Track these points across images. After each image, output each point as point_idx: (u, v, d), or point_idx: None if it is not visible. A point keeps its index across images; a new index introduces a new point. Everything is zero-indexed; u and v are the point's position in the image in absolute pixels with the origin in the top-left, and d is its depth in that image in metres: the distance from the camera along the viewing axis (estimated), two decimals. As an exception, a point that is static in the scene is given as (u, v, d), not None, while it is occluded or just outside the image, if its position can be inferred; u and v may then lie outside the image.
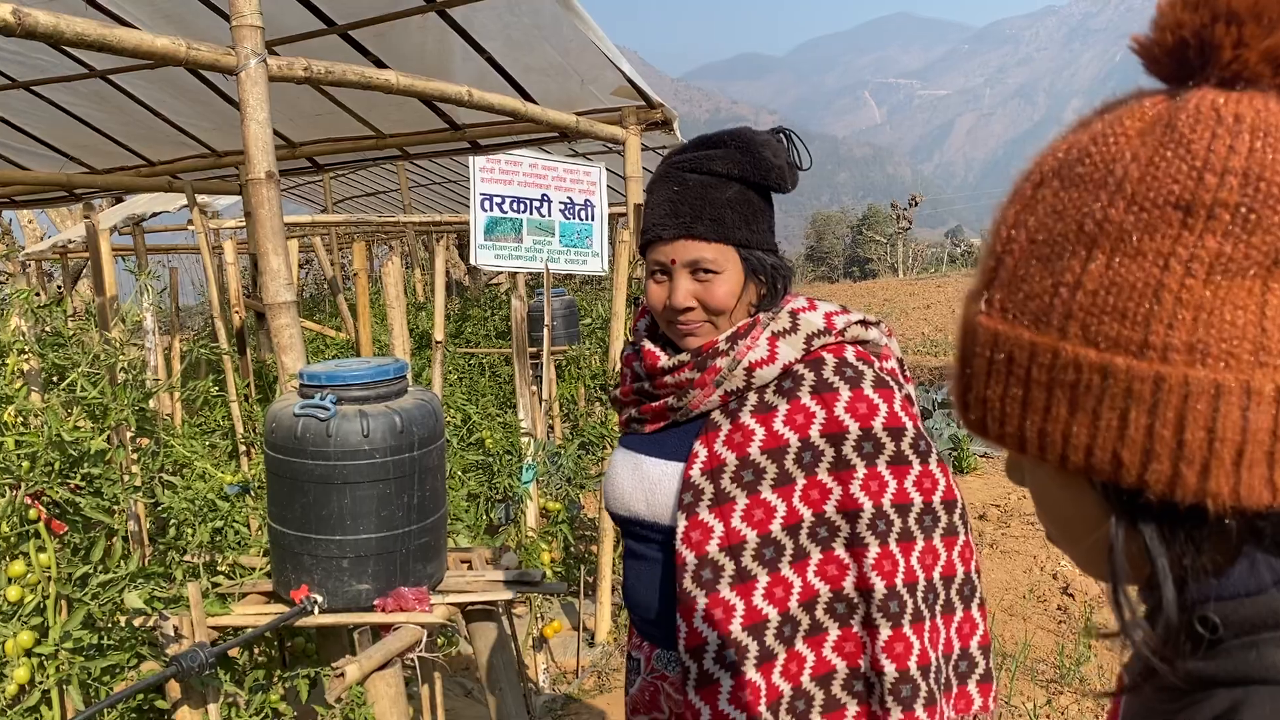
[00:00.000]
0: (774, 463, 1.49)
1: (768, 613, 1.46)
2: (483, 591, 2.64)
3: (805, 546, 1.49)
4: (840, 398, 1.49)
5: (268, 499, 2.57)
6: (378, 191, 14.49)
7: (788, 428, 1.50)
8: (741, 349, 1.53)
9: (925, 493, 1.51)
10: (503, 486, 3.80)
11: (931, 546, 1.51)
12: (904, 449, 1.50)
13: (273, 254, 2.93)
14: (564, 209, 5.67)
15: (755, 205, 1.54)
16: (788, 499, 1.49)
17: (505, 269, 5.72)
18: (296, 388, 2.69)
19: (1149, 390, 0.54)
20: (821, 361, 1.53)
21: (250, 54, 2.90)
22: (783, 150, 1.56)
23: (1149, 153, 0.55)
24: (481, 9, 4.56)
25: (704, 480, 1.52)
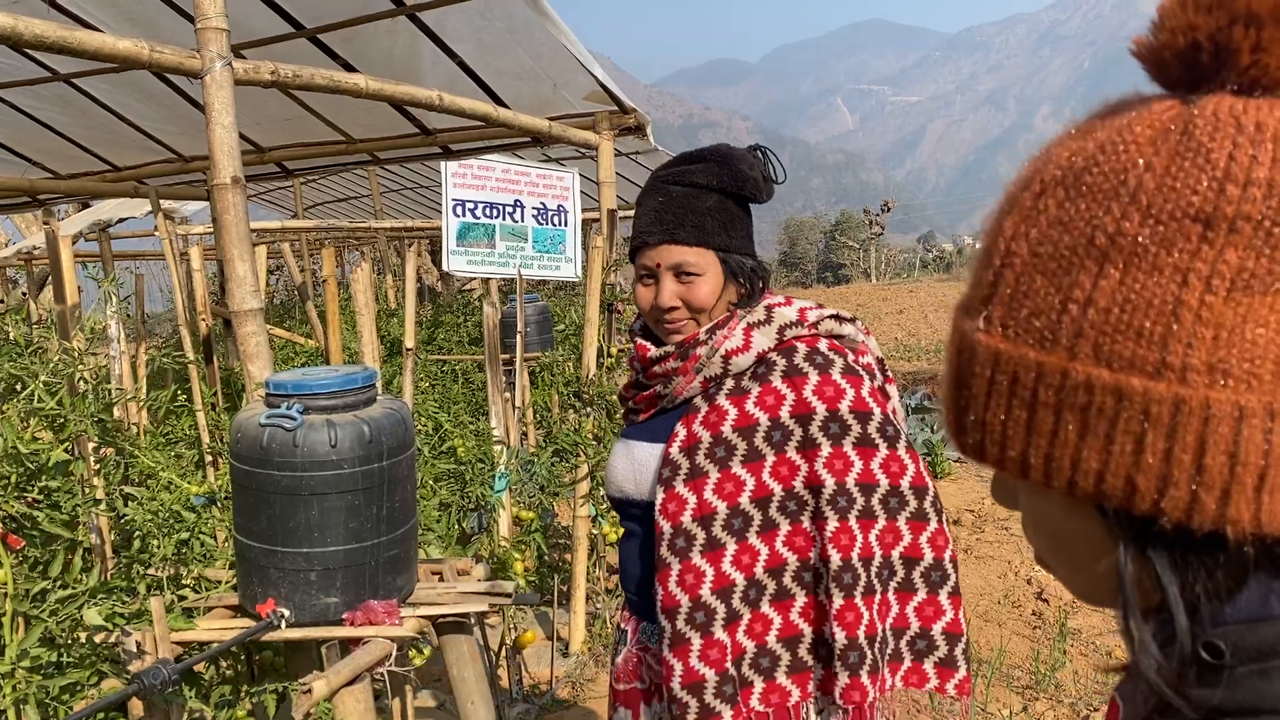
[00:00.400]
0: (744, 440, 1.62)
1: (734, 577, 1.61)
2: (454, 604, 2.60)
3: (774, 518, 1.62)
4: (809, 381, 1.61)
5: (233, 511, 2.52)
6: (349, 197, 14.39)
7: (758, 408, 1.63)
8: (719, 338, 1.67)
9: (893, 476, 1.61)
10: (475, 495, 3.75)
11: (894, 527, 1.62)
12: (870, 432, 1.60)
13: (239, 260, 2.87)
14: (537, 214, 5.63)
15: (733, 213, 1.69)
16: (757, 474, 1.62)
17: (478, 275, 5.67)
18: (262, 397, 2.64)
19: (1167, 413, 0.51)
20: (794, 350, 1.65)
21: (215, 57, 2.85)
22: (758, 164, 1.70)
23: (1164, 162, 0.52)
24: (452, 12, 4.52)
25: (681, 456, 1.66)
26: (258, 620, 2.50)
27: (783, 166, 1.76)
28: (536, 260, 5.44)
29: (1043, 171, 0.58)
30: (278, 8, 4.49)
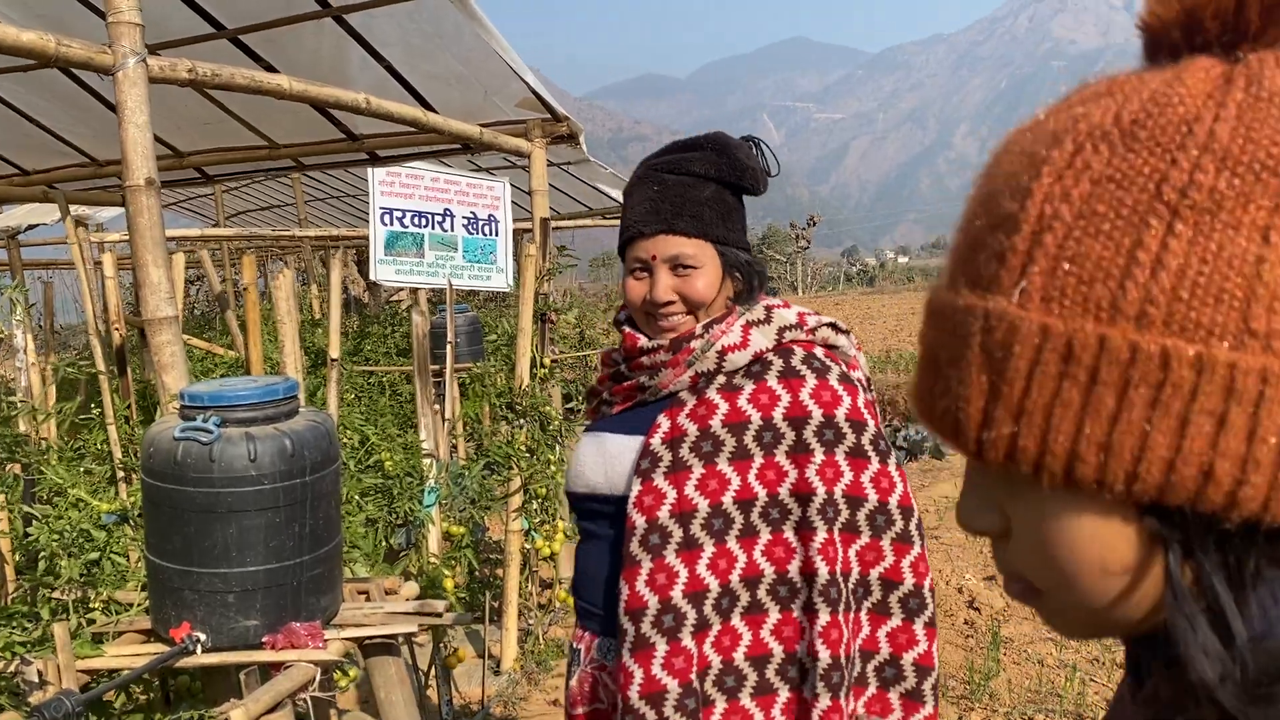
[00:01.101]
0: (733, 436, 1.54)
1: (709, 582, 1.51)
2: (381, 625, 2.50)
3: (755, 524, 1.53)
4: (806, 384, 1.55)
5: (146, 529, 2.38)
6: (272, 205, 14.07)
7: (751, 405, 1.55)
8: (716, 333, 1.61)
9: (882, 492, 1.54)
10: (403, 510, 3.64)
11: (876, 545, 1.54)
12: (864, 443, 1.54)
13: (153, 266, 2.74)
14: (467, 224, 5.55)
15: (730, 205, 1.63)
16: (743, 474, 1.53)
17: (406, 284, 5.55)
18: (177, 409, 2.51)
19: (1254, 386, 0.45)
20: (791, 352, 1.59)
21: (129, 52, 2.72)
22: (754, 155, 1.66)
23: (1234, 112, 0.47)
24: (380, 15, 4.41)
25: (663, 448, 1.57)
26: (172, 645, 2.37)
27: (776, 160, 1.71)
28: (467, 270, 5.35)
29: (1074, 130, 0.51)
30: (196, 6, 4.34)
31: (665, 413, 1.61)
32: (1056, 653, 4.26)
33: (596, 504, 1.68)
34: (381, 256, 5.12)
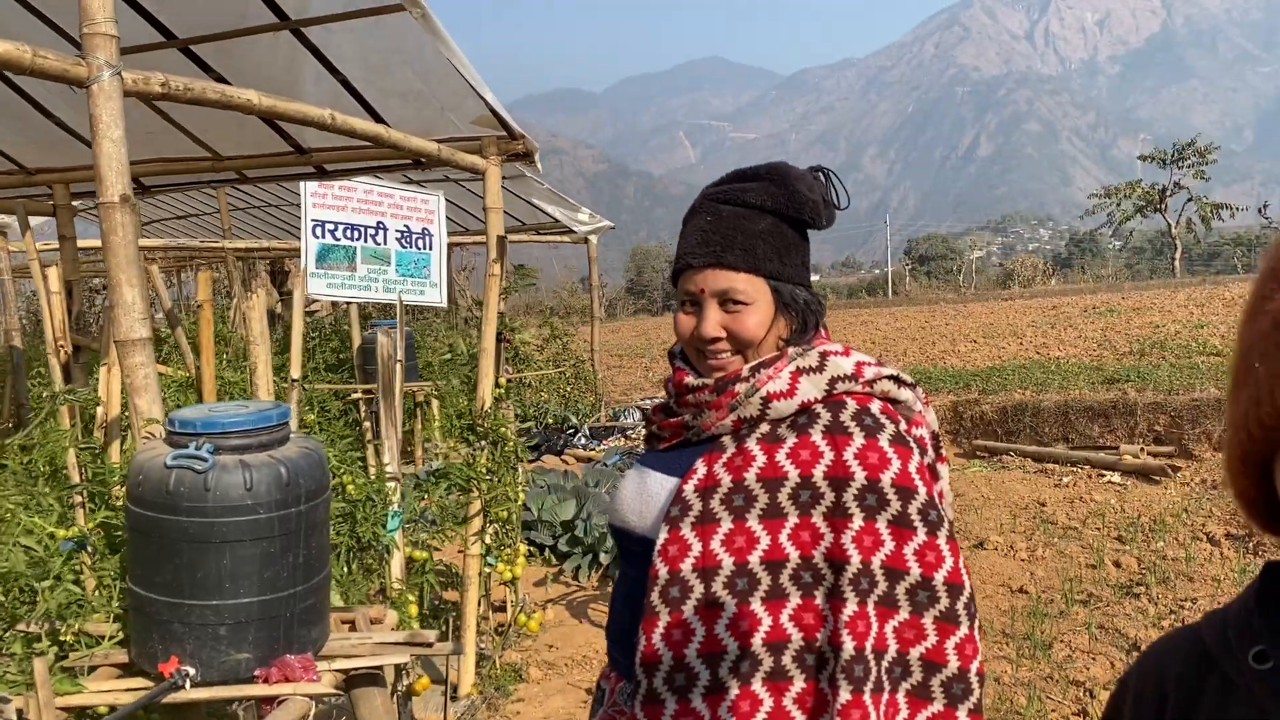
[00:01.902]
0: (767, 492, 1.45)
1: (727, 644, 1.42)
2: (373, 655, 2.45)
3: (784, 587, 1.43)
4: (852, 443, 1.44)
5: (130, 560, 2.30)
6: (191, 214, 13.66)
7: (790, 461, 1.46)
8: (763, 377, 1.52)
9: (927, 566, 1.41)
10: (367, 536, 3.57)
11: (917, 623, 1.41)
12: (910, 512, 1.42)
13: (127, 285, 2.64)
14: (401, 237, 5.49)
15: (789, 239, 1.56)
16: (774, 533, 1.44)
17: (339, 298, 5.46)
18: (159, 434, 2.44)
19: None
20: (842, 405, 1.48)
21: (104, 65, 2.64)
22: (819, 186, 1.57)
23: None
24: (338, 29, 4.34)
25: (694, 496, 1.49)
26: (152, 679, 2.29)
27: (846, 192, 1.61)
28: (400, 284, 5.29)
29: None
30: (147, 14, 4.21)
31: (704, 458, 1.53)
32: (1013, 670, 4.38)
33: (630, 542, 1.61)
34: (313, 269, 5.03)
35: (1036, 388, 9.72)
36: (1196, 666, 0.76)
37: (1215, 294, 17.06)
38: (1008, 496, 7.38)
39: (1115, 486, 7.48)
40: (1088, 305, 17.55)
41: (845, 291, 46.36)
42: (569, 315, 21.49)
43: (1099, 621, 4.83)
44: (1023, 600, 5.27)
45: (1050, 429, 8.98)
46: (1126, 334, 13.00)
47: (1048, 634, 4.72)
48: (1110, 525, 6.48)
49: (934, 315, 19.27)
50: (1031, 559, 5.95)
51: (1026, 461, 8.52)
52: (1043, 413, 9.08)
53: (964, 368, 11.53)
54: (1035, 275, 35.12)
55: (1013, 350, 12.89)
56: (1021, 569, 5.78)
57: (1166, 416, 8.39)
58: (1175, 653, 0.79)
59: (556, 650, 4.77)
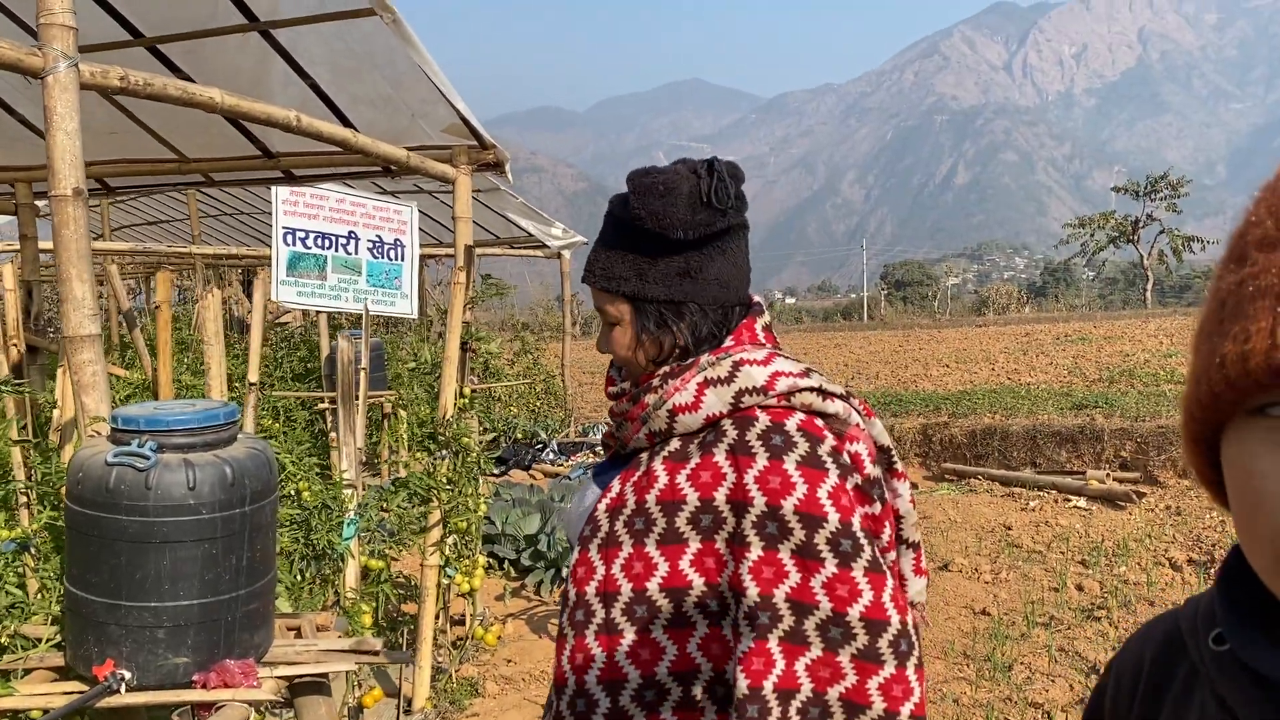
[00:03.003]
0: (665, 516, 1.37)
1: (628, 672, 1.35)
2: (316, 663, 2.40)
3: (690, 615, 1.34)
4: (754, 465, 1.33)
5: (68, 559, 2.24)
6: (161, 220, 13.54)
7: (690, 483, 1.36)
8: (670, 389, 1.42)
9: (838, 600, 1.28)
10: (321, 543, 3.51)
11: (832, 660, 1.28)
12: (817, 542, 1.29)
13: (77, 280, 2.59)
14: (372, 247, 5.44)
15: (651, 253, 1.42)
16: (673, 560, 1.35)
17: (309, 307, 5.40)
18: (105, 433, 2.38)
19: None
20: (751, 421, 1.37)
21: (61, 56, 2.59)
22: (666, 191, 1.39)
23: None
24: (307, 32, 4.31)
25: (604, 516, 1.43)
26: (87, 682, 2.23)
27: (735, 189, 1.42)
28: (371, 294, 5.24)
29: None
30: (115, 13, 4.17)
31: (621, 475, 1.46)
32: (972, 691, 4.36)
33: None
34: (283, 277, 4.97)
35: (1006, 412, 9.76)
36: (1170, 650, 0.77)
37: (1186, 325, 17.24)
38: (974, 519, 7.39)
39: (1081, 511, 7.50)
40: (1060, 333, 17.69)
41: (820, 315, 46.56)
42: (543, 331, 21.45)
43: (1059, 644, 4.82)
44: (985, 622, 5.26)
45: (1018, 453, 9.02)
46: (1097, 361, 13.10)
47: (1008, 656, 4.71)
48: (1074, 549, 6.50)
49: (908, 340, 19.37)
50: (995, 581, 5.94)
51: (994, 485, 8.54)
52: (1011, 437, 9.11)
53: (935, 391, 11.57)
54: (1010, 303, 35.40)
55: (984, 375, 12.95)
56: (985, 591, 5.77)
57: (1133, 443, 8.44)
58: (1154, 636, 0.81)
59: (515, 665, 4.71)
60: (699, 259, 1.43)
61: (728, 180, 1.41)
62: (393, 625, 4.55)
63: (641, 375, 1.48)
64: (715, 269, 1.44)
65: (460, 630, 4.74)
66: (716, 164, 1.42)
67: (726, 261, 1.45)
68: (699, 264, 1.43)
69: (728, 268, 1.45)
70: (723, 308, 1.46)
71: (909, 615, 1.33)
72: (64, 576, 2.31)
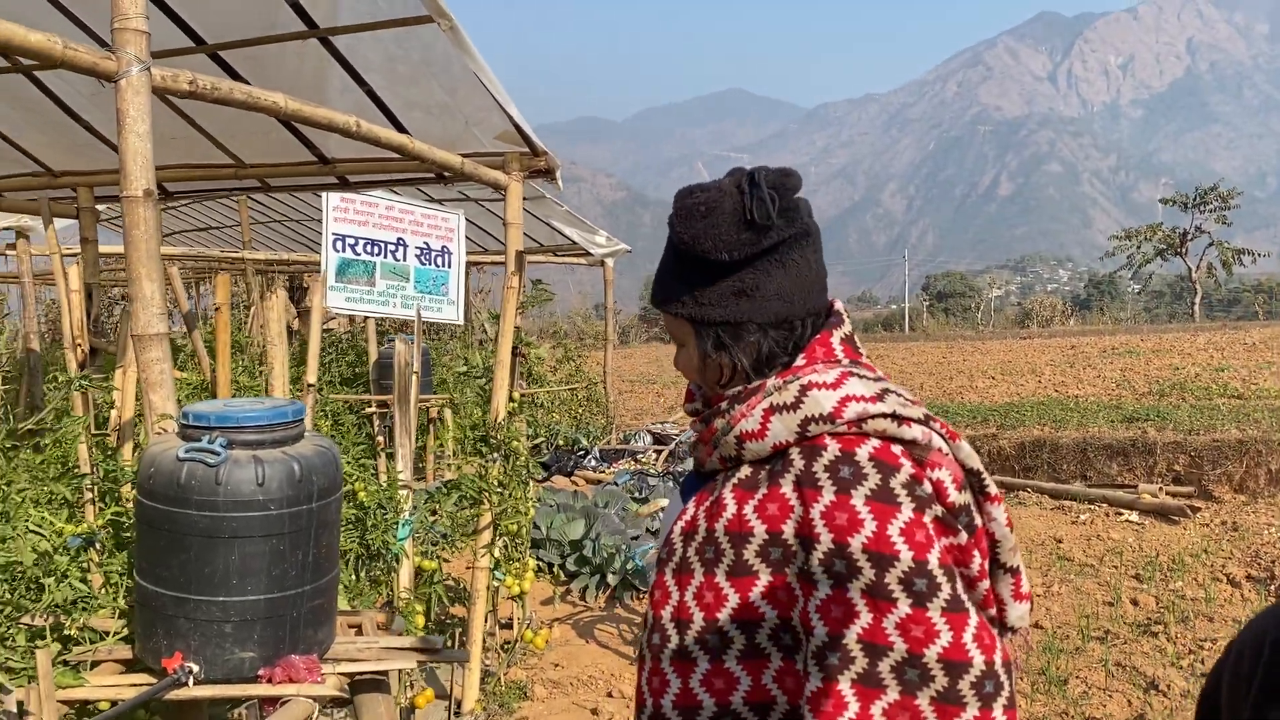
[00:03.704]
0: (733, 548, 1.33)
1: (703, 700, 1.33)
2: (378, 660, 2.41)
3: (763, 647, 1.32)
4: (820, 499, 1.28)
5: (138, 553, 2.28)
6: (211, 226, 13.76)
7: (757, 515, 1.32)
8: (736, 414, 1.38)
9: (914, 642, 1.23)
10: (376, 543, 3.54)
11: (910, 705, 1.23)
12: (888, 581, 1.24)
13: (146, 280, 2.64)
14: (420, 254, 5.49)
15: (703, 274, 1.39)
16: (743, 591, 1.32)
17: (357, 312, 5.45)
18: (171, 429, 2.42)
19: None
20: (819, 451, 1.31)
21: (134, 60, 2.65)
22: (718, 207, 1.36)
23: None
24: (366, 39, 4.37)
25: (679, 540, 1.40)
26: (155, 675, 2.26)
27: (775, 205, 1.35)
28: (417, 301, 5.29)
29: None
30: (178, 19, 4.25)
31: (696, 497, 1.43)
32: (1027, 705, 4.30)
33: None
34: (332, 283, 5.03)
35: (1055, 425, 9.64)
36: None
37: (1236, 339, 16.92)
38: (1024, 532, 7.30)
39: (1133, 525, 7.38)
40: (1107, 346, 17.45)
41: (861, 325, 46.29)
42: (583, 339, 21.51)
43: (1116, 659, 4.74)
44: (1037, 636, 5.18)
45: (1068, 466, 8.89)
46: (1146, 375, 12.90)
47: (1063, 670, 4.64)
48: (1128, 564, 6.39)
49: (951, 351, 19.19)
50: (1047, 594, 5.86)
51: (1043, 498, 8.43)
52: (1061, 449, 8.99)
53: (981, 403, 11.45)
54: (1054, 315, 34.99)
55: (1031, 388, 12.80)
56: (1037, 605, 5.69)
57: (1186, 456, 8.29)
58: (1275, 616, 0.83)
59: (562, 669, 4.72)
60: (754, 276, 1.38)
61: (767, 193, 1.35)
62: (441, 627, 4.57)
63: (713, 397, 1.45)
64: (774, 284, 1.38)
65: (508, 633, 4.75)
66: (758, 176, 1.37)
67: (787, 274, 1.38)
68: (754, 281, 1.38)
69: (789, 281, 1.39)
70: (787, 323, 1.40)
71: (997, 654, 1.27)
72: (133, 570, 2.34)
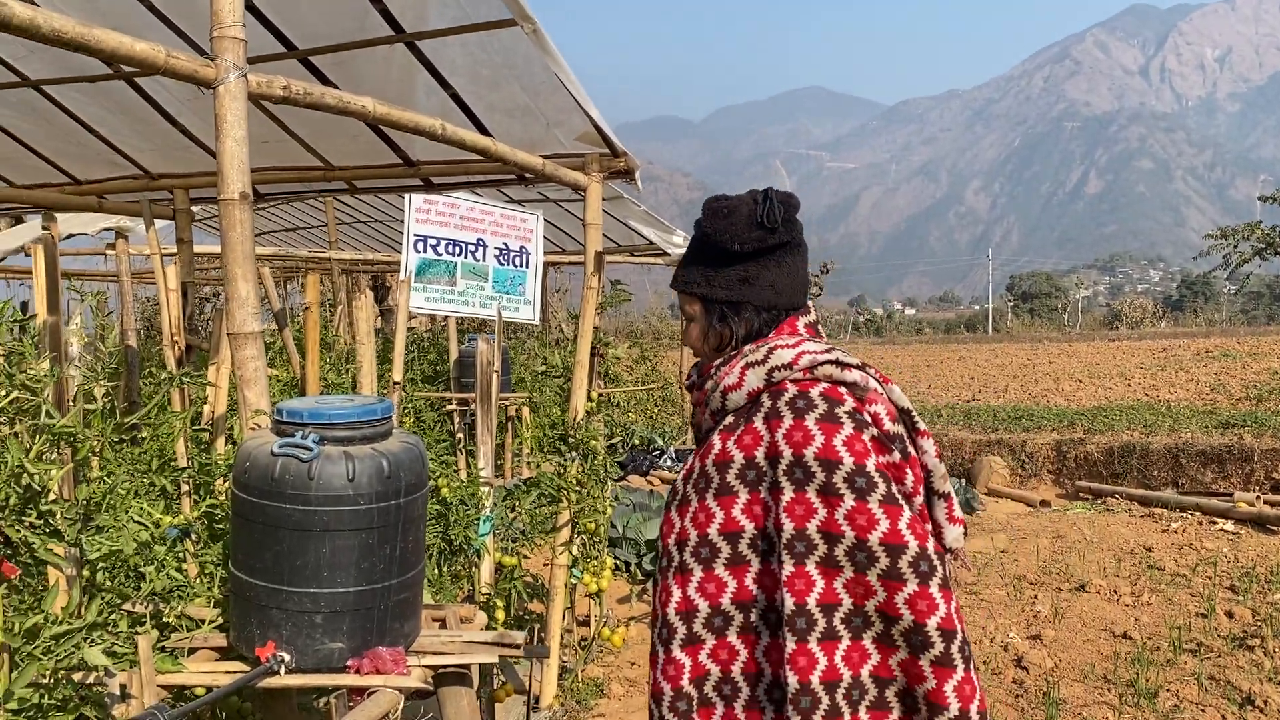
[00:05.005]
0: (719, 474, 1.70)
1: (698, 603, 1.68)
2: (462, 654, 2.45)
3: (744, 554, 1.67)
4: (782, 425, 1.64)
5: (233, 545, 2.35)
6: (298, 227, 14.11)
7: (736, 446, 1.69)
8: (721, 374, 1.77)
9: (859, 529, 1.58)
10: (458, 538, 3.60)
11: (863, 580, 1.59)
12: (835, 481, 1.59)
13: (242, 280, 2.72)
14: (499, 255, 5.56)
15: (716, 263, 1.79)
16: (727, 509, 1.68)
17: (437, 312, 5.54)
18: (269, 425, 2.49)
19: None
20: (781, 392, 1.68)
21: (231, 67, 2.73)
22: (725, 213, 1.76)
23: None
24: (451, 43, 4.44)
25: (680, 483, 1.78)
26: (248, 663, 2.33)
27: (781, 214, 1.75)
28: (495, 300, 5.36)
29: None
30: (271, 26, 4.37)
31: (696, 452, 1.79)
32: (1115, 718, 4.19)
33: None
34: (413, 284, 5.12)
35: (1145, 430, 9.36)
36: None
37: (1340, 341, 16.23)
38: (1112, 540, 7.10)
39: (1228, 534, 7.13)
40: (1201, 349, 16.88)
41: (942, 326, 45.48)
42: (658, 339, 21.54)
43: (1209, 672, 4.59)
44: (1126, 646, 5.04)
45: (1159, 472, 8.63)
46: (1242, 379, 12.45)
47: (1153, 682, 4.50)
48: (1222, 574, 6.18)
49: (1036, 353, 18.75)
50: (1136, 604, 5.69)
51: (1132, 505, 8.19)
52: (1151, 455, 8.73)
53: (1068, 407, 11.17)
54: (1144, 317, 33.94)
55: (1120, 391, 12.45)
56: (1125, 614, 5.53)
57: (1285, 464, 7.98)
58: None
59: (639, 668, 4.73)
60: (756, 268, 1.78)
61: (777, 206, 1.74)
62: (520, 623, 4.62)
63: (706, 366, 1.82)
64: (770, 277, 1.78)
65: (585, 631, 4.79)
66: (771, 192, 1.78)
67: (781, 272, 1.79)
68: (756, 272, 1.78)
69: (782, 277, 1.79)
70: (774, 309, 1.79)
71: (929, 542, 1.59)
72: (228, 561, 2.42)
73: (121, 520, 2.84)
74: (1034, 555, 6.79)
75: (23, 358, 2.02)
